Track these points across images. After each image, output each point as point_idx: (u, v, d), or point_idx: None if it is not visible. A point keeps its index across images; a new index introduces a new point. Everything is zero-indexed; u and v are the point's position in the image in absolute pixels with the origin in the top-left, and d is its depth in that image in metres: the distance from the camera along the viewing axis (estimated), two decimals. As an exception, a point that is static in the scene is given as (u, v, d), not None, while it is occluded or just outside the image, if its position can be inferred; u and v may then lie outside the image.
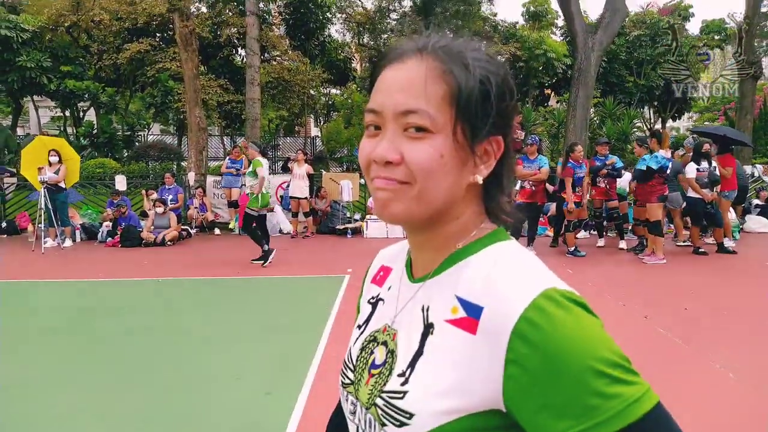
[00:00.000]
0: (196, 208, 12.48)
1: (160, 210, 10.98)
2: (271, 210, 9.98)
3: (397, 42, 0.79)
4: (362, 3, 24.59)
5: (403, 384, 0.73)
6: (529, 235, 9.33)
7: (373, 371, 0.80)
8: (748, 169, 11.48)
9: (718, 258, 9.00)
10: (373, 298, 0.91)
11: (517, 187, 8.80)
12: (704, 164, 8.99)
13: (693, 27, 26.45)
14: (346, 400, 0.85)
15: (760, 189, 11.96)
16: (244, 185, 12.66)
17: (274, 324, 5.64)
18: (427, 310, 0.76)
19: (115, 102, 21.77)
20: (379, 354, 0.80)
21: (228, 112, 20.78)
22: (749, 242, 10.49)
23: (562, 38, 26.40)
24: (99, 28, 20.25)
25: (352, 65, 26.64)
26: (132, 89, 22.25)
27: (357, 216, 12.50)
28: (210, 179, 13.54)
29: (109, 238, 10.95)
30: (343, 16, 24.31)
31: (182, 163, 18.97)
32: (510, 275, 0.70)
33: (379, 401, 0.76)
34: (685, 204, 9.39)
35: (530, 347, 0.63)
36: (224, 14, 20.79)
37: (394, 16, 24.49)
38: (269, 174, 8.67)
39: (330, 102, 26.93)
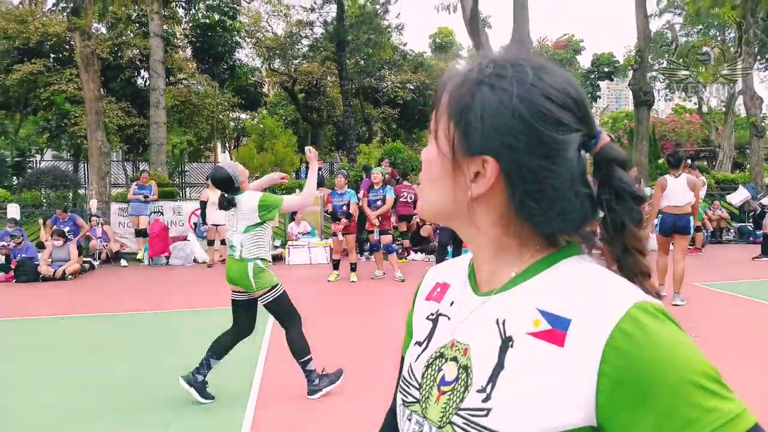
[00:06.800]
0: (99, 238, 11.61)
1: (58, 244, 10.09)
2: None
3: None
4: (272, 28, 24.42)
5: (485, 400, 0.70)
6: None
7: (444, 388, 0.76)
8: (647, 191, 12.29)
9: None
10: (432, 314, 0.88)
11: None
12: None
13: (584, 60, 28.35)
14: (409, 419, 0.82)
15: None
16: (154, 213, 12.05)
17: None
18: (503, 323, 0.73)
19: (4, 126, 20.11)
20: (449, 370, 0.77)
21: (130, 137, 19.78)
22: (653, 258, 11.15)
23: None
24: (-16, 46, 18.76)
25: (263, 90, 26.26)
26: (23, 113, 20.65)
27: (277, 243, 12.12)
28: (114, 206, 12.69)
29: (2, 273, 9.91)
30: (253, 40, 23.99)
31: (80, 191, 17.73)
32: (598, 287, 0.69)
33: (456, 419, 0.72)
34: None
35: (626, 359, 0.62)
36: (126, 35, 19.91)
37: (305, 42, 24.48)
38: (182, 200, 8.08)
39: (240, 126, 26.35)
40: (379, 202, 9.12)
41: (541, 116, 0.69)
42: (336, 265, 9.40)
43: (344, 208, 8.99)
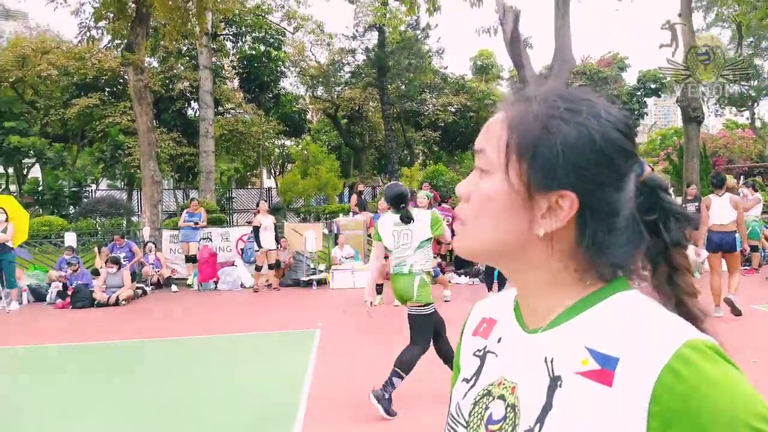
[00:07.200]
0: (151, 264, 11.98)
1: (112, 270, 10.46)
2: None
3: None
4: (315, 57, 24.97)
5: None
6: (499, 281, 9.30)
7: (492, 427, 0.75)
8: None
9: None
10: (479, 350, 0.86)
11: None
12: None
13: (630, 77, 27.95)
14: None
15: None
16: (203, 239, 12.37)
17: (246, 386, 5.32)
18: (552, 361, 0.72)
19: (63, 158, 21.11)
20: (497, 409, 0.76)
21: (180, 165, 20.46)
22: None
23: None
24: (46, 83, 19.82)
25: (307, 117, 26.79)
26: (80, 144, 21.65)
27: (321, 267, 12.25)
28: (166, 233, 13.09)
29: (59, 300, 10.32)
30: (297, 69, 24.58)
31: (133, 219, 18.38)
32: (647, 324, 0.67)
33: None
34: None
35: (677, 400, 0.60)
36: (176, 68, 20.72)
37: (347, 69, 24.92)
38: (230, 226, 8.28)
39: (285, 153, 26.90)
40: None
41: (616, 149, 0.71)
42: (380, 289, 9.37)
43: None
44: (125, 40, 13.96)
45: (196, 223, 12.22)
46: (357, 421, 4.27)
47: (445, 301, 8.93)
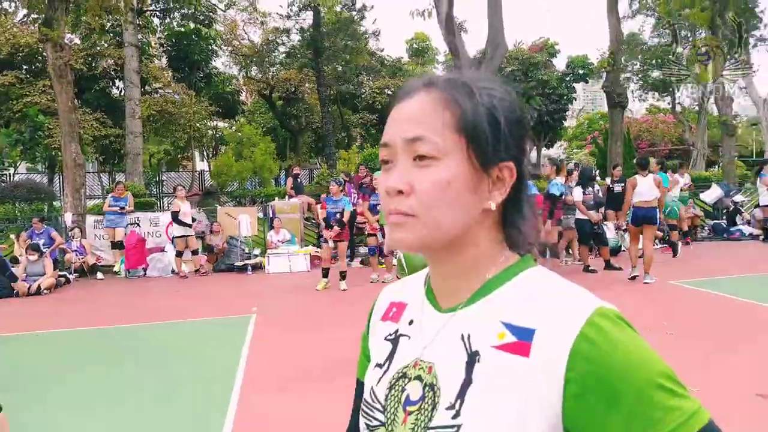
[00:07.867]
0: (75, 251, 11.43)
1: (33, 258, 9.92)
2: None
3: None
4: (248, 36, 24.33)
5: (454, 417, 0.71)
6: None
7: (410, 408, 0.76)
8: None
9: (606, 275, 9.56)
10: (390, 334, 0.87)
11: None
12: (590, 188, 9.61)
13: (559, 63, 28.67)
14: None
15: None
16: (131, 224, 11.91)
17: (177, 376, 5.17)
18: (468, 338, 0.74)
19: (-25, 139, 19.73)
20: (414, 390, 0.77)
21: (105, 147, 19.55)
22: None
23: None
24: (-46, 59, 18.42)
25: (240, 98, 26.13)
26: (-5, 125, 20.28)
27: (257, 251, 12.04)
28: (90, 219, 12.52)
29: (-26, 290, 9.71)
30: (229, 48, 23.88)
31: (55, 204, 17.45)
32: (558, 296, 0.71)
33: None
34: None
35: (591, 364, 0.64)
36: (100, 45, 19.70)
37: (282, 49, 24.41)
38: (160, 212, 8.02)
39: (218, 135, 26.18)
40: (379, 207, 9.15)
41: (528, 122, 0.81)
42: (326, 273, 9.25)
43: (338, 215, 8.91)
44: (43, 15, 13.10)
45: (122, 208, 11.75)
46: (290, 406, 4.24)
47: (383, 282, 8.98)
